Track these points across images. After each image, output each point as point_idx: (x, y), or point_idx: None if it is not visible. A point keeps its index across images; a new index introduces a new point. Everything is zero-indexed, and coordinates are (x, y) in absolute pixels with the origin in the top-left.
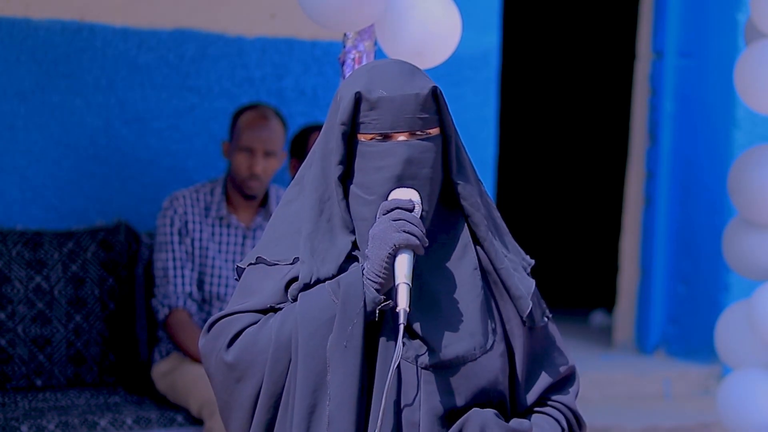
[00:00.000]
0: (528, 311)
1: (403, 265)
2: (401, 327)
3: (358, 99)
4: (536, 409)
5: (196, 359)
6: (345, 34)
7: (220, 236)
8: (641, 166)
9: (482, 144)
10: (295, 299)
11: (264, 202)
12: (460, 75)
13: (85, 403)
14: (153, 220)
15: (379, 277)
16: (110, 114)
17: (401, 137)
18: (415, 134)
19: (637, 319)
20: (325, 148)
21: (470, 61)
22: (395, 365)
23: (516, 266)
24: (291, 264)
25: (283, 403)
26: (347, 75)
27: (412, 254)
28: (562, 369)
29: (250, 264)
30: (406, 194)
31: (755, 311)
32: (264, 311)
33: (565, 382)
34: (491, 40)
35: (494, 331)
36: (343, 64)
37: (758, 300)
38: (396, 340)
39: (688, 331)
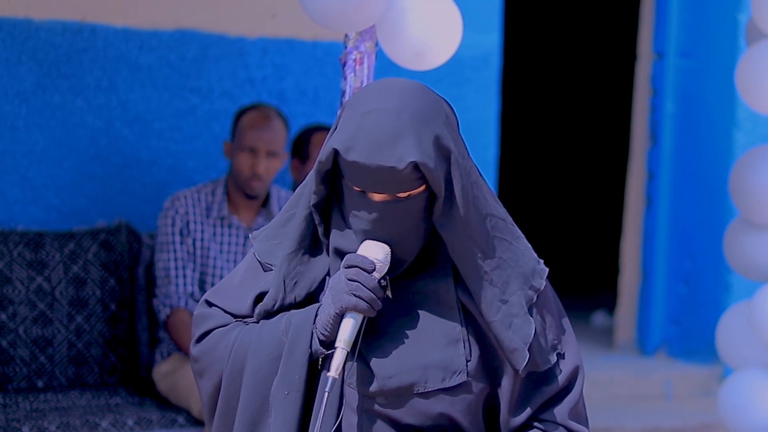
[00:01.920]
0: (524, 363)
1: (346, 329)
2: (326, 395)
3: (336, 152)
4: None
5: None
6: (346, 35)
7: (222, 236)
8: (642, 166)
9: (483, 145)
10: (259, 319)
11: (265, 203)
12: (461, 75)
13: (87, 404)
14: (154, 220)
15: (326, 331)
16: (111, 114)
17: (377, 197)
18: (394, 195)
19: (638, 320)
20: (309, 179)
21: (471, 62)
22: (320, 424)
23: (517, 309)
24: (270, 270)
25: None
26: (347, 76)
27: (360, 318)
28: (564, 378)
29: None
30: (374, 250)
31: (756, 312)
32: (236, 316)
33: (562, 392)
34: (492, 40)
35: (468, 371)
36: (344, 64)
37: (759, 301)
38: (324, 404)
39: (690, 332)
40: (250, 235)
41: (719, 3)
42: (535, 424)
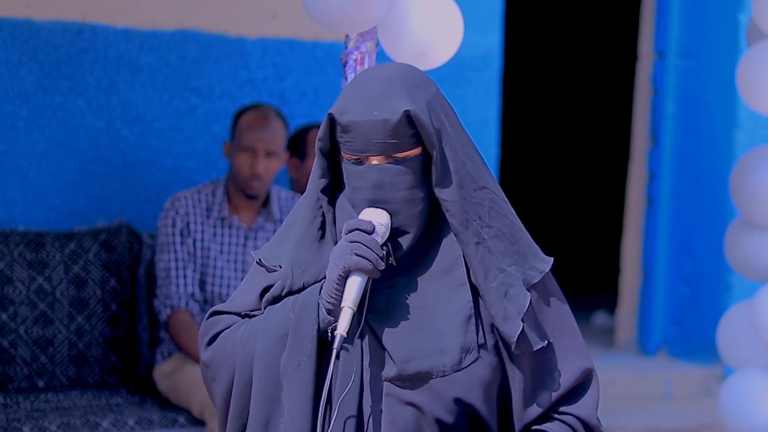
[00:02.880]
0: (517, 333)
1: (352, 289)
2: (334, 351)
3: (332, 120)
4: (534, 428)
5: (198, 360)
6: (347, 35)
7: (222, 237)
8: (643, 166)
9: (484, 145)
10: (266, 306)
11: (265, 203)
12: (462, 76)
13: (87, 404)
14: (155, 221)
15: (332, 297)
16: (112, 115)
17: (374, 160)
18: (390, 157)
19: (639, 320)
20: (315, 163)
21: (472, 62)
22: (336, 388)
23: (514, 280)
24: (276, 270)
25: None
26: (348, 76)
27: (365, 278)
28: (573, 376)
29: (258, 262)
30: (374, 215)
31: (757, 312)
32: (242, 316)
33: (578, 389)
34: (493, 41)
35: (480, 347)
36: (345, 65)
37: (760, 301)
38: (332, 365)
39: (690, 332)
40: (253, 253)
41: (720, 3)
42: (555, 415)
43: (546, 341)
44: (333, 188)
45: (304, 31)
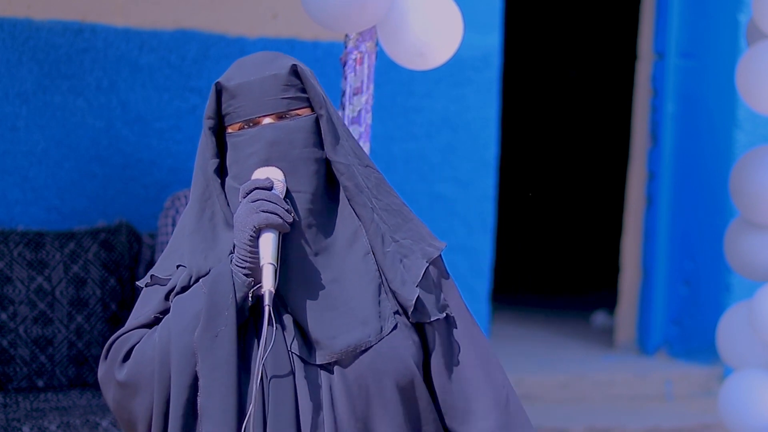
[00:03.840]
0: (413, 299)
1: (267, 245)
2: (267, 308)
3: (219, 90)
4: None
5: None
6: (347, 35)
7: None
8: (643, 166)
9: (484, 144)
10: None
11: None
12: (462, 76)
13: (87, 404)
14: (155, 220)
15: (246, 261)
16: (112, 115)
17: (267, 120)
18: (283, 117)
19: (639, 320)
20: (202, 146)
21: (472, 62)
22: (262, 350)
23: (408, 252)
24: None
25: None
26: (348, 76)
27: (277, 233)
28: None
29: (147, 284)
30: (266, 173)
31: (757, 312)
32: (151, 324)
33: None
34: (493, 40)
35: (396, 313)
36: (344, 64)
37: (760, 301)
38: (266, 322)
39: (690, 332)
40: (138, 283)
41: (720, 3)
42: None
43: (444, 314)
44: (221, 174)
45: (304, 31)
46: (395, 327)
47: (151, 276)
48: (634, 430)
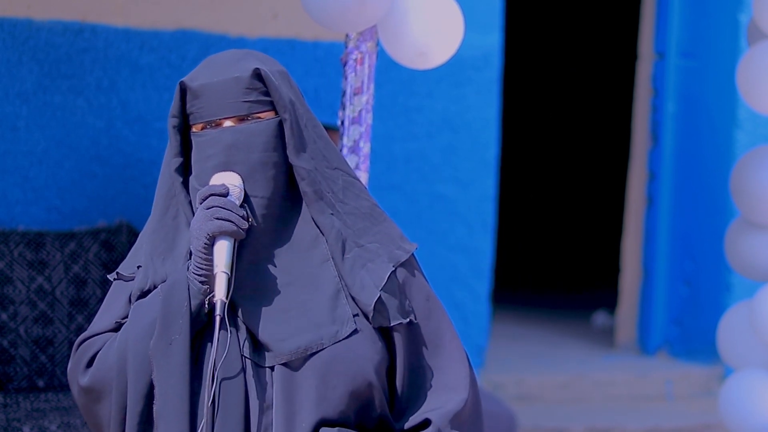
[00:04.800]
0: (372, 304)
1: (221, 253)
2: (217, 318)
3: (183, 89)
4: None
5: None
6: (347, 35)
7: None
8: (643, 166)
9: (484, 144)
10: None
11: None
12: (462, 75)
13: None
14: None
15: (201, 269)
16: (112, 115)
17: (228, 123)
18: (244, 119)
19: (639, 320)
20: (168, 145)
21: (472, 62)
22: (214, 358)
23: (374, 256)
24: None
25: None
26: (348, 76)
27: (232, 241)
28: (448, 401)
29: (114, 279)
30: (224, 178)
31: (757, 312)
32: (116, 329)
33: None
34: (493, 40)
35: (356, 317)
36: (345, 64)
37: (760, 301)
38: (217, 332)
39: (690, 332)
40: (108, 276)
41: (720, 3)
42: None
43: (408, 319)
44: (185, 173)
45: (305, 31)
46: (354, 332)
47: (117, 273)
48: (635, 430)
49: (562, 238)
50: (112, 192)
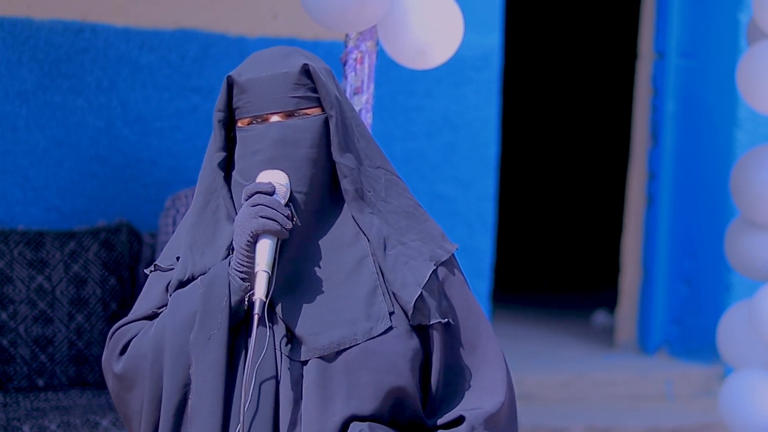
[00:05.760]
0: (412, 301)
1: (263, 252)
2: (256, 317)
3: (230, 84)
4: None
5: None
6: (347, 35)
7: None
8: (643, 166)
9: (484, 144)
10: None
11: None
12: (462, 75)
13: (87, 403)
14: (155, 220)
15: (242, 265)
16: (112, 114)
17: (275, 118)
18: (291, 115)
19: (639, 320)
20: (212, 138)
21: (472, 62)
22: (251, 356)
23: (416, 254)
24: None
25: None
26: (348, 75)
27: (275, 240)
28: (484, 403)
29: (151, 271)
30: (271, 176)
31: (757, 311)
32: (151, 317)
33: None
34: (493, 40)
35: (392, 315)
36: (345, 64)
37: (760, 300)
38: (255, 331)
39: (690, 332)
40: (145, 270)
41: (720, 2)
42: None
43: (446, 319)
44: (228, 167)
45: (305, 31)
46: (389, 329)
47: (154, 265)
48: (635, 429)
49: (562, 238)
50: (112, 192)
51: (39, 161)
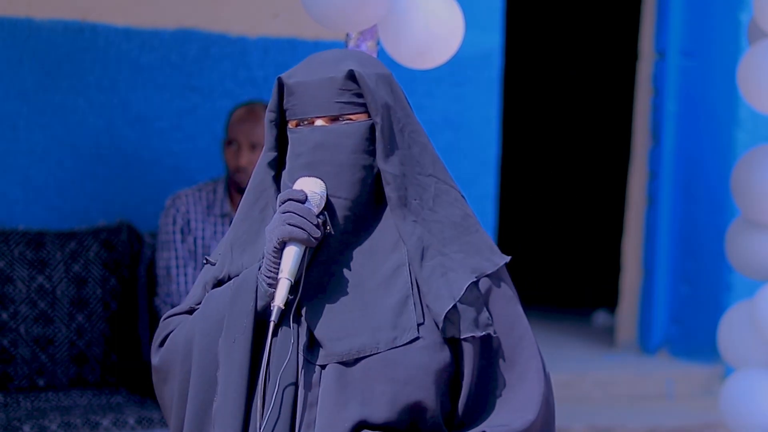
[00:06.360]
0: (443, 313)
1: (288, 259)
2: (271, 324)
3: (281, 85)
4: None
5: None
6: (347, 34)
7: (223, 235)
8: (644, 166)
9: (485, 144)
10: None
11: None
12: (462, 75)
13: (88, 403)
14: (155, 219)
15: (270, 271)
16: (113, 114)
17: (319, 122)
18: (336, 120)
19: (640, 319)
20: (265, 137)
21: (473, 61)
22: (271, 361)
23: (457, 266)
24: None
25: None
26: None
27: (302, 248)
28: (516, 419)
29: (204, 263)
30: (307, 184)
31: (758, 311)
32: (190, 312)
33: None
34: (494, 39)
35: (420, 327)
36: None
37: (761, 300)
38: (270, 338)
39: (691, 331)
40: (206, 257)
41: (721, 2)
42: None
43: (483, 333)
44: (279, 168)
45: (305, 31)
46: (415, 339)
47: (205, 258)
48: (635, 429)
49: (563, 238)
50: (113, 191)
51: (39, 161)
